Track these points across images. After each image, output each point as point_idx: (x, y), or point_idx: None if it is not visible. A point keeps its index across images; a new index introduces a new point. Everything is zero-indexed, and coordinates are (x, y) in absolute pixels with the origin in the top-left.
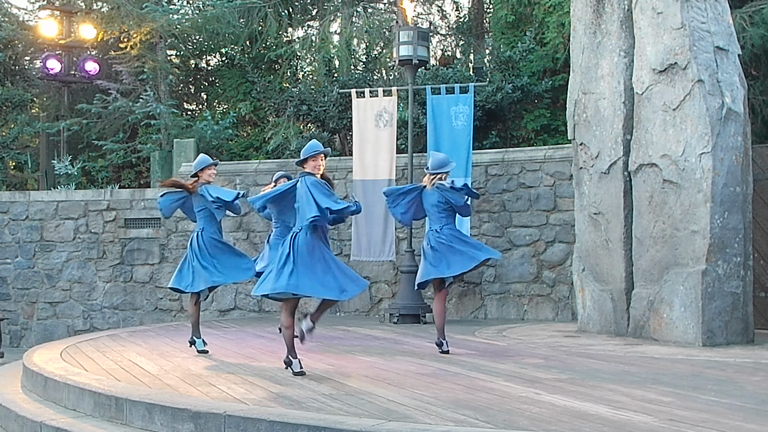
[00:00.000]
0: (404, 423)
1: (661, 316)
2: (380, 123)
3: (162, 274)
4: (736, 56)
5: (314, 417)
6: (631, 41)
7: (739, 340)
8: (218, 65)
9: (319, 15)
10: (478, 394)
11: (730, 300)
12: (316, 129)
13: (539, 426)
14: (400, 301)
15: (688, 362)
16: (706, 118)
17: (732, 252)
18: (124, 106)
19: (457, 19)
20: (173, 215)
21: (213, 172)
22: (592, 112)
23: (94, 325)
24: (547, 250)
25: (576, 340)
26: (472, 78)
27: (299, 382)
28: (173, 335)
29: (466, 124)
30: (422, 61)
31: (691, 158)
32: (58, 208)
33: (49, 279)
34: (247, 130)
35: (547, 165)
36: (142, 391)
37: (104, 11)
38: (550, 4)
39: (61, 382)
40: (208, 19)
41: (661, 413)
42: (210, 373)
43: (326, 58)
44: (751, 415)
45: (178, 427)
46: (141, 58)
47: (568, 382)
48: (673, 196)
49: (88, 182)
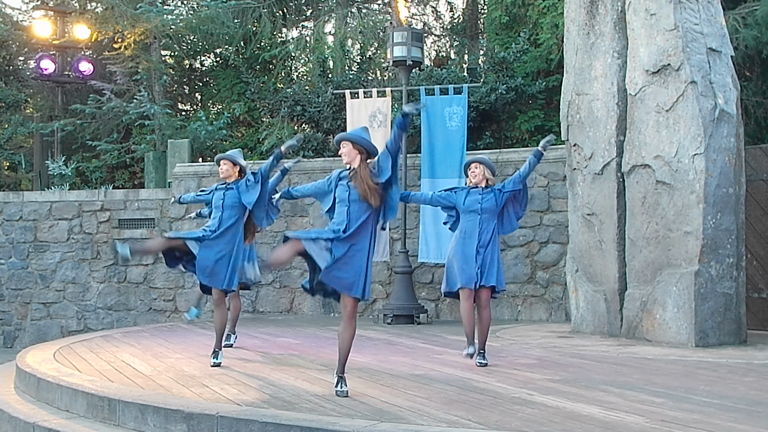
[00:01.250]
0: (397, 424)
1: (654, 316)
2: (374, 124)
3: (156, 275)
4: (729, 57)
5: (307, 418)
6: (624, 42)
7: (731, 341)
8: (212, 66)
9: (313, 15)
10: (471, 394)
11: (723, 301)
12: (310, 129)
13: (531, 427)
14: (394, 301)
15: (681, 363)
16: (699, 119)
17: (725, 253)
18: (118, 107)
19: (452, 20)
20: (170, 216)
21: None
22: (585, 113)
23: (87, 325)
24: (540, 251)
25: (569, 340)
26: (466, 79)
27: (292, 383)
28: (167, 336)
29: (460, 124)
30: (416, 61)
31: (684, 159)
32: (52, 209)
33: (42, 279)
34: (242, 131)
35: (540, 166)
36: (135, 392)
37: (98, 11)
38: (543, 6)
39: (54, 383)
40: (203, 19)
41: (653, 414)
42: (203, 374)
43: (320, 59)
44: (742, 416)
45: (170, 428)
46: (135, 59)
47: (560, 383)
48: (666, 197)
49: (82, 183)
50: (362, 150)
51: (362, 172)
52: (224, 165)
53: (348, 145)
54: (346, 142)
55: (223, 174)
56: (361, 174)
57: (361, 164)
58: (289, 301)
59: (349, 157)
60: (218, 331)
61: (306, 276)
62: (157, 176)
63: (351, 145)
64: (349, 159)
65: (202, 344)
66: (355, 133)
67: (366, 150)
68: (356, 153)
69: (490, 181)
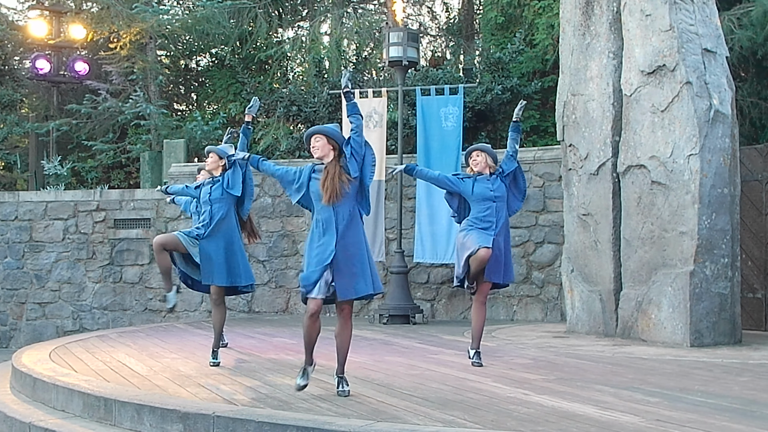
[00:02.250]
0: (393, 423)
1: (649, 316)
2: (370, 124)
3: (151, 275)
4: (724, 58)
5: (303, 418)
6: (619, 43)
7: (726, 341)
8: (208, 66)
9: (309, 16)
10: (467, 394)
11: (718, 301)
12: (305, 130)
13: (527, 426)
14: (389, 301)
15: (676, 363)
16: (694, 119)
17: (720, 253)
18: (114, 107)
19: (447, 21)
20: (165, 216)
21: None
22: (581, 113)
23: (83, 325)
24: (536, 251)
25: (565, 340)
26: (462, 79)
27: (288, 383)
28: (163, 336)
29: (456, 125)
30: (412, 62)
31: (679, 160)
32: (48, 209)
33: (38, 279)
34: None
35: (536, 166)
36: (131, 391)
37: (94, 11)
38: (539, 6)
39: (50, 383)
40: (198, 19)
41: (648, 414)
42: (199, 374)
43: (316, 59)
44: (737, 415)
45: (167, 428)
46: (131, 59)
47: (556, 383)
48: (661, 197)
49: (78, 183)
50: (335, 146)
51: (334, 169)
52: (211, 157)
53: (322, 139)
54: (320, 136)
55: (209, 166)
56: (334, 171)
57: (334, 160)
58: (285, 301)
59: (322, 152)
60: (217, 330)
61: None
62: (153, 176)
63: (325, 139)
64: (322, 153)
65: (198, 344)
66: (329, 128)
67: (339, 146)
68: (330, 148)
69: (491, 169)
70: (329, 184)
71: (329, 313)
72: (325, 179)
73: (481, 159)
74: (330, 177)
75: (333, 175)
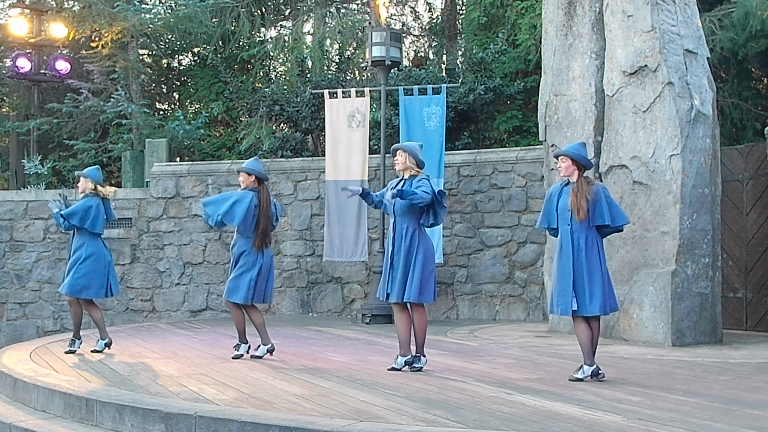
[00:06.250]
0: (376, 423)
1: (631, 316)
2: (353, 124)
3: (133, 275)
4: (705, 59)
5: (286, 417)
6: (602, 44)
7: (707, 340)
8: (190, 65)
9: (291, 15)
10: (450, 394)
11: (699, 300)
12: (288, 129)
13: (510, 426)
14: (372, 301)
15: (658, 362)
16: (675, 120)
17: (701, 253)
18: (96, 106)
19: (430, 21)
20: (147, 216)
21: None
22: (563, 113)
23: (64, 325)
24: (518, 251)
25: (547, 340)
26: (445, 79)
27: (271, 382)
28: (144, 336)
29: (439, 125)
30: (395, 62)
31: (660, 160)
32: (28, 208)
33: (18, 279)
34: (220, 131)
35: (519, 166)
36: (112, 392)
37: (75, 10)
38: (522, 6)
39: (31, 383)
40: (181, 18)
41: (630, 413)
42: (181, 374)
43: (299, 59)
44: (718, 414)
45: (149, 428)
46: (112, 58)
47: (538, 382)
48: (643, 197)
49: (59, 182)
50: (415, 164)
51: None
52: (241, 176)
53: (403, 155)
54: (402, 152)
55: (244, 185)
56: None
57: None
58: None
59: (403, 166)
60: (238, 327)
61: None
62: (135, 176)
63: (406, 156)
64: (402, 167)
65: (180, 344)
66: (410, 146)
67: (417, 165)
68: (410, 164)
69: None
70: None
71: (311, 312)
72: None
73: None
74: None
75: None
